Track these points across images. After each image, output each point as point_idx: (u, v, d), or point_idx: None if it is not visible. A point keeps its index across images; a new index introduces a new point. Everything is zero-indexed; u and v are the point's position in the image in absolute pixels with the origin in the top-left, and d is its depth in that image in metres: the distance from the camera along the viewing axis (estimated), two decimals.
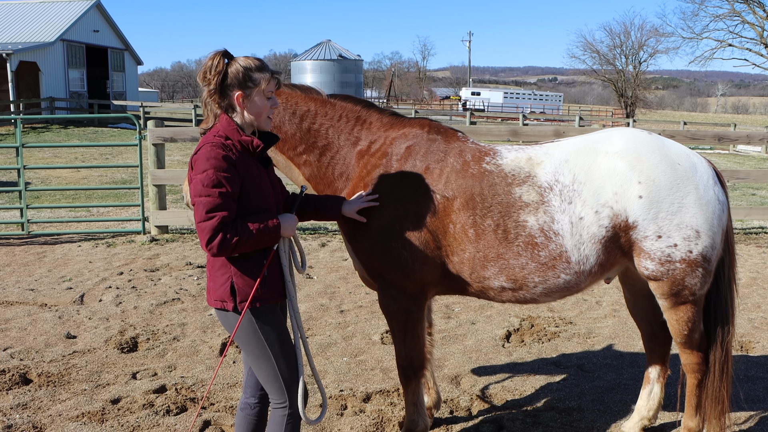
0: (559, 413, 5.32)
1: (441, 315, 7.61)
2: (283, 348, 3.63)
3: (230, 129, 3.53)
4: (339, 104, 4.51)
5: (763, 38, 48.76)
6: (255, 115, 3.57)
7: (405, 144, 4.33)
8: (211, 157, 3.40)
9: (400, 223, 4.17)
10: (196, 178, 3.41)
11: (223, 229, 3.36)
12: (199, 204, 3.38)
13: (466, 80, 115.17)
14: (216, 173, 3.37)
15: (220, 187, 3.37)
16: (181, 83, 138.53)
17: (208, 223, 3.36)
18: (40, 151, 24.17)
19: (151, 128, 11.34)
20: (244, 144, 3.53)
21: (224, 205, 3.38)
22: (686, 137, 12.74)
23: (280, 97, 4.40)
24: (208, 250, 3.40)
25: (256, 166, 3.58)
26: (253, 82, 3.52)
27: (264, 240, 3.49)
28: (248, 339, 3.59)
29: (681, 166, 4.09)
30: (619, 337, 6.99)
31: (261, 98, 3.56)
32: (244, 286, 3.53)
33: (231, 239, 3.37)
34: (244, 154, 3.52)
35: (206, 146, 3.45)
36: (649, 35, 68.91)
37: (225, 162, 3.40)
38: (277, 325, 3.62)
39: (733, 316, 4.46)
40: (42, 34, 44.07)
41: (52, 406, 5.30)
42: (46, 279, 8.84)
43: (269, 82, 3.56)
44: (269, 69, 3.58)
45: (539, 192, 4.13)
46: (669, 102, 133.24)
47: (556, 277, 4.14)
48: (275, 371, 3.62)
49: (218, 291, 3.58)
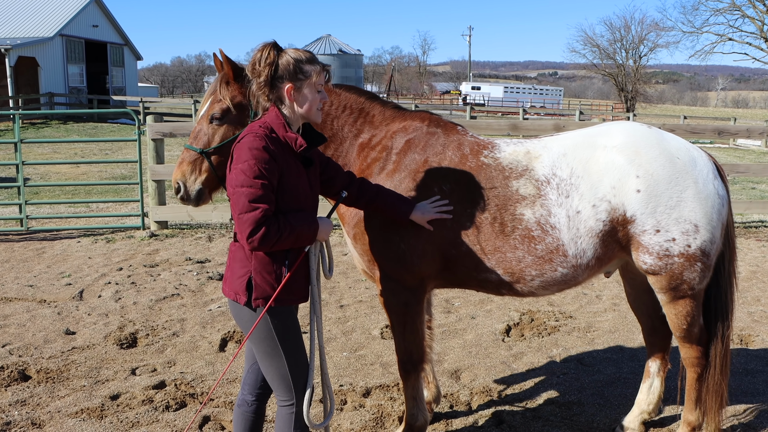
0: (559, 407, 5.32)
1: (441, 309, 7.61)
2: (295, 348, 3.59)
3: (277, 123, 3.48)
4: (344, 95, 4.48)
5: (763, 32, 48.71)
6: (305, 107, 3.53)
7: (405, 137, 4.33)
8: (254, 147, 3.33)
9: None
10: (237, 167, 3.34)
11: (266, 223, 3.28)
12: (241, 195, 3.30)
13: (467, 75, 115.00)
14: (258, 164, 3.30)
15: (263, 178, 3.30)
16: (180, 78, 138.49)
17: (251, 214, 3.27)
18: (40, 147, 24.16)
19: (150, 123, 11.32)
20: (289, 141, 3.47)
21: (266, 197, 3.31)
22: (686, 131, 12.71)
23: None
24: (248, 244, 3.31)
25: (296, 165, 3.51)
26: (304, 74, 3.48)
27: (302, 240, 3.44)
28: (261, 336, 3.54)
29: (680, 160, 4.07)
30: (619, 331, 6.98)
31: (311, 90, 3.51)
32: (262, 283, 3.47)
33: (274, 234, 3.30)
34: (287, 151, 3.47)
35: (249, 136, 3.39)
36: (649, 29, 68.81)
37: (267, 153, 3.33)
38: (291, 325, 3.58)
39: (732, 311, 4.46)
40: (41, 29, 43.97)
41: (51, 403, 5.30)
42: (45, 275, 8.83)
43: (320, 74, 3.52)
44: (320, 61, 3.55)
45: (536, 185, 4.13)
46: (669, 96, 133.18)
47: (553, 270, 4.14)
48: (285, 370, 3.58)
49: (235, 283, 3.53)
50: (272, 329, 3.52)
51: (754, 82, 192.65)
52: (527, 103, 74.17)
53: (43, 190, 15.35)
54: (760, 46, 49.66)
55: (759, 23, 48.86)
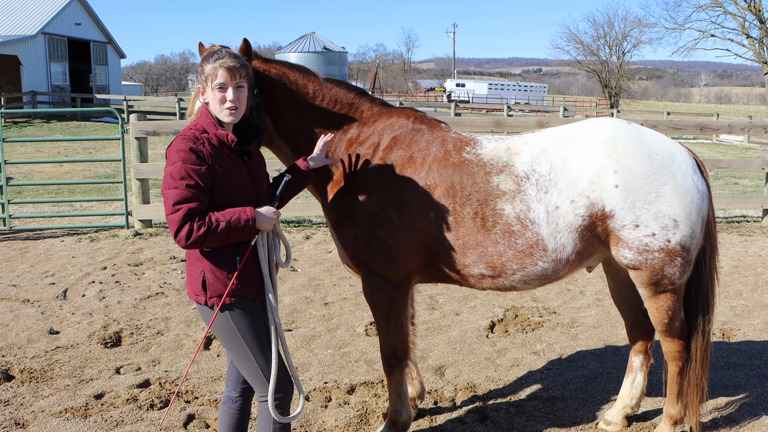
0: (543, 402, 5.35)
1: (425, 306, 7.63)
2: (261, 343, 3.61)
3: (207, 122, 3.51)
4: (334, 89, 4.48)
5: (744, 29, 48.99)
6: (211, 106, 3.52)
7: (391, 134, 4.37)
8: (180, 149, 3.38)
9: (384, 211, 4.23)
10: (166, 170, 3.40)
11: (190, 221, 3.33)
12: (167, 196, 3.37)
13: (451, 72, 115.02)
14: (184, 165, 3.35)
15: (188, 179, 3.34)
16: (164, 76, 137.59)
17: (175, 215, 3.34)
18: (22, 146, 23.99)
19: (133, 122, 11.27)
20: (220, 137, 3.49)
21: (191, 197, 3.34)
22: (669, 127, 12.81)
23: (278, 74, 4.31)
24: (177, 242, 3.37)
25: (232, 160, 3.53)
26: (204, 74, 3.47)
27: (237, 234, 3.44)
28: (226, 334, 3.59)
29: (658, 155, 4.11)
30: (603, 326, 7.03)
31: (211, 90, 3.47)
32: (215, 281, 3.51)
33: (198, 231, 3.33)
34: (220, 148, 3.49)
35: (177, 138, 3.44)
36: (632, 26, 69.19)
37: (193, 154, 3.37)
38: (253, 322, 3.59)
39: (713, 305, 4.51)
40: (23, 27, 43.63)
41: (35, 402, 5.27)
42: (29, 274, 8.78)
43: (216, 72, 3.43)
44: (221, 59, 3.44)
45: (516, 181, 4.18)
46: (653, 92, 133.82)
47: (533, 264, 4.19)
48: (255, 366, 3.61)
49: (192, 284, 3.58)
50: (234, 327, 3.56)
51: (736, 78, 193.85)
52: (512, 100, 74.38)
53: (27, 189, 15.25)
54: (741, 42, 49.95)
55: (740, 19, 49.12)
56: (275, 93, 4.28)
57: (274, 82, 4.27)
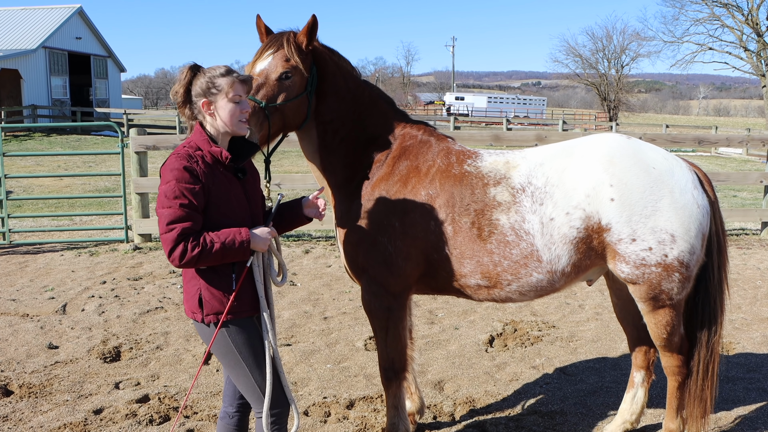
0: (542, 417, 5.35)
1: (424, 320, 7.63)
2: (258, 360, 3.61)
3: (201, 139, 3.52)
4: (374, 90, 4.66)
5: (742, 42, 49.24)
6: (225, 119, 3.52)
7: (402, 143, 4.50)
8: (174, 168, 3.38)
9: (387, 218, 4.30)
10: (160, 189, 3.40)
11: (184, 241, 3.32)
12: (161, 216, 3.36)
13: (450, 85, 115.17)
14: (177, 184, 3.34)
15: (182, 198, 3.34)
16: (164, 90, 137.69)
17: (168, 235, 3.33)
18: (22, 160, 24.03)
19: (133, 136, 11.30)
20: (215, 155, 3.50)
21: (185, 217, 3.34)
22: (667, 140, 12.84)
23: (335, 60, 4.45)
24: (171, 262, 3.37)
25: (226, 178, 3.53)
26: (216, 87, 3.48)
27: (232, 255, 3.43)
28: (223, 351, 3.59)
29: (656, 170, 4.13)
30: (602, 340, 7.03)
31: (226, 102, 3.50)
32: (211, 299, 3.52)
33: (192, 251, 3.32)
34: (214, 165, 3.49)
35: (171, 157, 3.44)
36: (630, 39, 69.26)
37: (187, 173, 3.37)
38: (249, 338, 3.59)
39: (722, 318, 4.52)
40: (24, 41, 43.79)
41: (34, 418, 5.27)
42: (28, 289, 8.78)
43: (233, 85, 3.49)
44: (234, 73, 3.53)
45: (512, 193, 4.24)
46: (652, 105, 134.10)
47: (528, 275, 4.22)
48: (252, 382, 3.61)
49: (189, 302, 3.59)
50: (231, 343, 3.57)
51: (735, 90, 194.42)
52: (511, 113, 74.51)
53: (26, 203, 15.27)
54: (739, 55, 50.19)
55: (738, 32, 49.38)
56: (327, 76, 4.40)
57: (330, 66, 4.40)
